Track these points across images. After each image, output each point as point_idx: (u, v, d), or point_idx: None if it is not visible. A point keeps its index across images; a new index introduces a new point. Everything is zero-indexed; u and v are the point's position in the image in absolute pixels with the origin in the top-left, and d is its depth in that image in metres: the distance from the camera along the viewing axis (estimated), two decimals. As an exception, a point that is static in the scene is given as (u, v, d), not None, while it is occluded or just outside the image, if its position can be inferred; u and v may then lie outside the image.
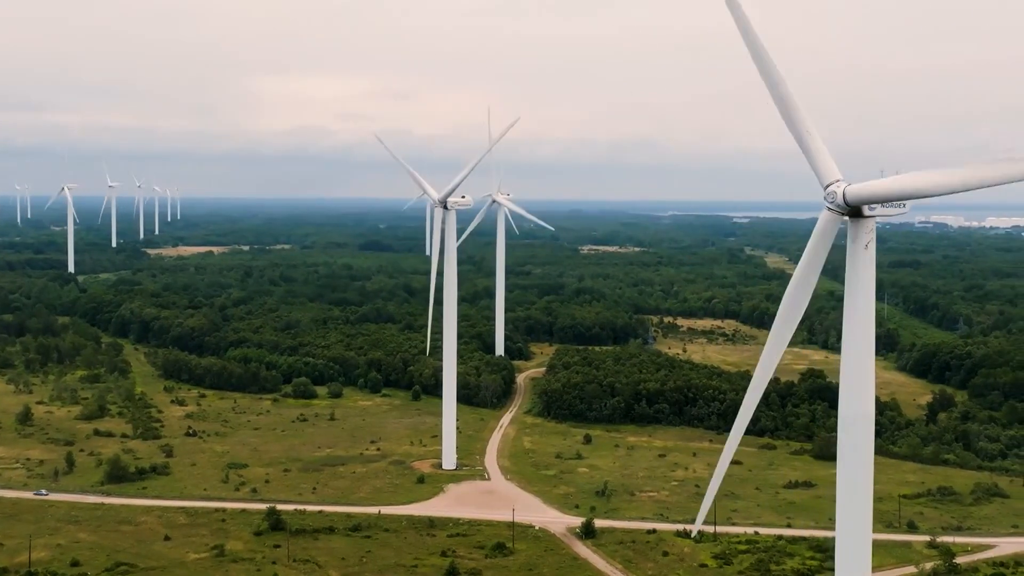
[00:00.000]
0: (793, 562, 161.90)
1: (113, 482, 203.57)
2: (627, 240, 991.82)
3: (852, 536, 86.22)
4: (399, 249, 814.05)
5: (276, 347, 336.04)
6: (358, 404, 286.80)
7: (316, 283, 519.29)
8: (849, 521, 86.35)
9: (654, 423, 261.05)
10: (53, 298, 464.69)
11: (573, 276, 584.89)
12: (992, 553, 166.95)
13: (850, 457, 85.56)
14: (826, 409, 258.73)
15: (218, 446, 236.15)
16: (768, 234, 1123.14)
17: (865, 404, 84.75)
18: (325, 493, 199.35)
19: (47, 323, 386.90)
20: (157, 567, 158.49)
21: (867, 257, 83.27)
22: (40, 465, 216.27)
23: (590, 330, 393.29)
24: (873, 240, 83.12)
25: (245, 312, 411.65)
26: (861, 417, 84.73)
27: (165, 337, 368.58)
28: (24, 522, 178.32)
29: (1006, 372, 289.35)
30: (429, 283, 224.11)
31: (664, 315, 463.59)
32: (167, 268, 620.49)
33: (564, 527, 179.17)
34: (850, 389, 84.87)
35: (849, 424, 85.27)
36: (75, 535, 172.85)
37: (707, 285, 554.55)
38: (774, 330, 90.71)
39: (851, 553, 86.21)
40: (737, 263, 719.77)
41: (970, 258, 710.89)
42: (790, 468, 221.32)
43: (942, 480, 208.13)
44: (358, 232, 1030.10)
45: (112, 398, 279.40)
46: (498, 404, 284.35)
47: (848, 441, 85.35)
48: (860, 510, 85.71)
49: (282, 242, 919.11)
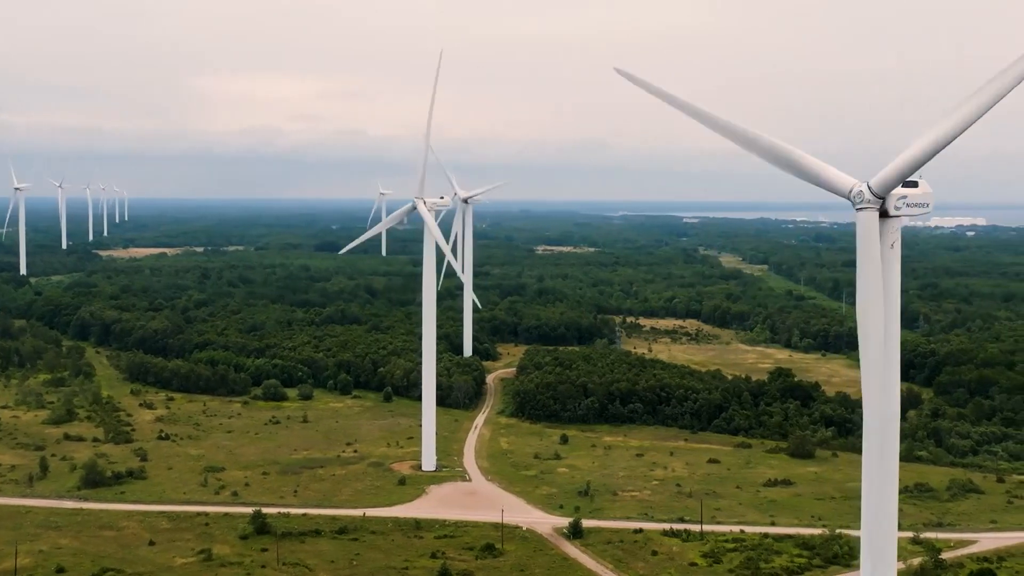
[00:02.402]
0: (781, 560, 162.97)
1: (90, 487, 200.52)
2: (581, 240, 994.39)
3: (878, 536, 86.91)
4: (355, 250, 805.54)
5: (243, 349, 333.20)
6: (329, 406, 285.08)
7: (276, 284, 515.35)
8: (875, 521, 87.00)
9: (628, 423, 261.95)
10: (8, 301, 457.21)
11: (532, 276, 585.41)
12: (975, 548, 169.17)
13: (876, 457, 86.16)
14: (798, 407, 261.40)
15: (192, 449, 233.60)
16: (720, 234, 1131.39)
17: (891, 404, 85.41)
18: (307, 496, 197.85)
19: (4, 326, 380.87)
20: (144, 572, 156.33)
21: (892, 257, 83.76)
22: (12, 471, 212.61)
23: (555, 330, 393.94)
24: (899, 240, 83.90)
25: (207, 314, 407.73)
26: (888, 417, 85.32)
27: (127, 340, 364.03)
28: (2, 528, 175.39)
29: (970, 369, 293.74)
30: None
31: (626, 315, 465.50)
32: (122, 270, 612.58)
33: (551, 527, 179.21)
34: (876, 389, 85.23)
35: (875, 424, 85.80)
36: (56, 541, 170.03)
37: (667, 285, 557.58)
38: (863, 352, 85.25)
39: (877, 552, 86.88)
40: (693, 263, 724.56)
41: (921, 257, 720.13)
42: (767, 467, 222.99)
43: (918, 477, 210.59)
44: (311, 233, 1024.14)
45: (79, 401, 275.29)
46: (470, 405, 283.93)
47: (874, 441, 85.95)
48: (886, 509, 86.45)
49: (235, 243, 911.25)
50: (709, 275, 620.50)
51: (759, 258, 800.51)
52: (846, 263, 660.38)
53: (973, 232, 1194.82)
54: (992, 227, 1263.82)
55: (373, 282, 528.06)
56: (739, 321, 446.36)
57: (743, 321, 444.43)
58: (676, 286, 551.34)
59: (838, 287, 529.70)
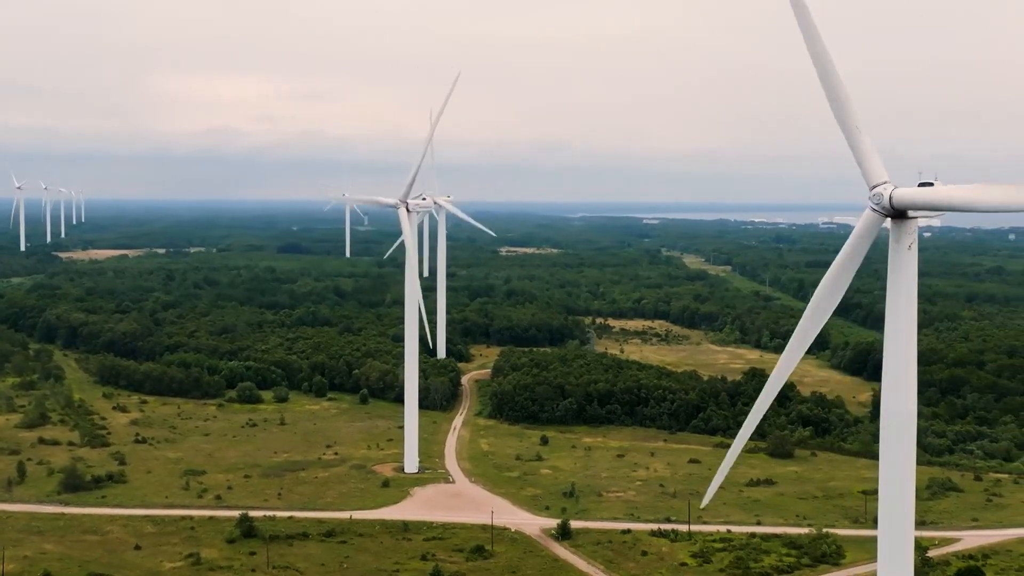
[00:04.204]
0: (770, 559, 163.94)
1: (69, 491, 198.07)
2: (544, 241, 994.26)
3: (895, 534, 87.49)
4: (318, 251, 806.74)
5: (215, 351, 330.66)
6: (306, 408, 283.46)
7: (243, 286, 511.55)
8: (892, 519, 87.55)
9: (607, 423, 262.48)
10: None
11: (499, 278, 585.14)
12: (959, 546, 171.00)
13: (893, 456, 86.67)
14: (775, 407, 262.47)
15: (171, 453, 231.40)
16: (681, 235, 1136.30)
17: (908, 403, 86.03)
18: (292, 499, 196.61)
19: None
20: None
21: (910, 257, 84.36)
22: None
23: (527, 331, 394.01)
24: (915, 241, 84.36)
25: (176, 316, 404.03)
26: (905, 415, 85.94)
27: (95, 342, 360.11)
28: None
29: (941, 369, 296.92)
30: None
31: (595, 316, 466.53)
32: (85, 272, 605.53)
33: (539, 529, 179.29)
34: (894, 388, 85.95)
35: (892, 422, 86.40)
36: (40, 546, 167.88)
37: (634, 286, 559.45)
38: (801, 326, 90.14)
39: (894, 551, 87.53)
40: (658, 264, 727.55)
41: (881, 257, 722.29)
42: (748, 466, 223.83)
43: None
44: (273, 234, 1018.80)
45: (51, 405, 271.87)
46: (447, 407, 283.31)
47: (891, 439, 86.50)
48: (903, 508, 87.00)
49: (195, 244, 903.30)
50: (676, 276, 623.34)
51: (722, 259, 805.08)
52: (810, 264, 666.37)
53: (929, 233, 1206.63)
54: (948, 227, 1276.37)
55: (341, 283, 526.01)
56: (708, 322, 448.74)
57: (712, 322, 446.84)
58: (643, 287, 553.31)
59: (803, 288, 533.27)
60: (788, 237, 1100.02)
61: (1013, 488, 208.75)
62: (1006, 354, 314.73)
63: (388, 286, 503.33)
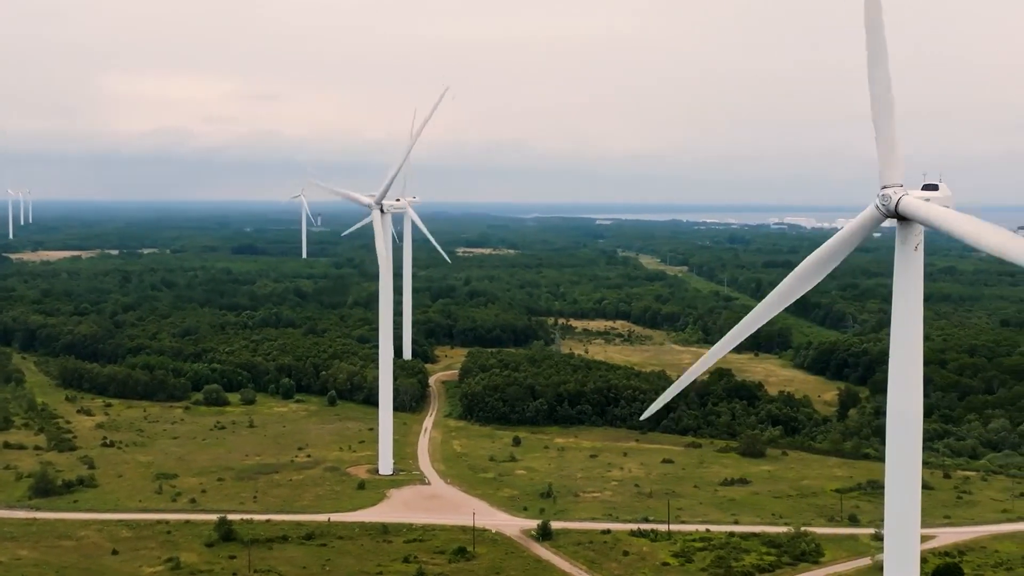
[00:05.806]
0: (751, 558, 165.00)
1: (40, 496, 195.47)
2: (499, 242, 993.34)
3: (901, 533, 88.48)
4: (274, 252, 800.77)
5: (178, 354, 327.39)
6: (274, 410, 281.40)
7: (201, 288, 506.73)
8: (898, 518, 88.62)
9: (577, 424, 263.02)
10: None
11: (459, 279, 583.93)
12: (935, 543, 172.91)
13: (899, 456, 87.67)
14: (745, 407, 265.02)
15: (141, 456, 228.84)
16: (636, 236, 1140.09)
17: (914, 403, 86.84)
18: (268, 502, 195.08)
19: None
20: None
21: (916, 259, 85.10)
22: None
23: (491, 332, 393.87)
24: (921, 242, 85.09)
25: (136, 318, 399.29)
26: (911, 416, 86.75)
27: (54, 345, 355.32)
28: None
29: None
30: (378, 288, 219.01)
31: (557, 316, 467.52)
32: (38, 273, 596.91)
33: (518, 529, 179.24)
34: (900, 388, 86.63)
35: (899, 423, 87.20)
36: (15, 552, 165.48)
37: (594, 287, 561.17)
38: (771, 297, 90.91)
39: (901, 550, 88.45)
40: (616, 265, 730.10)
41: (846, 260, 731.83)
42: (721, 466, 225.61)
43: (868, 474, 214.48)
44: (227, 235, 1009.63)
45: (13, 408, 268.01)
46: (416, 408, 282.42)
47: (898, 440, 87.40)
48: (909, 508, 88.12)
49: (148, 246, 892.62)
50: (635, 276, 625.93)
51: (678, 259, 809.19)
52: (767, 264, 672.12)
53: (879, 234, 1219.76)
54: (894, 227, 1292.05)
55: (301, 285, 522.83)
56: (669, 322, 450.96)
57: (674, 322, 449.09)
58: (603, 287, 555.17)
59: (761, 287, 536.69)
60: (742, 237, 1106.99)
61: (982, 485, 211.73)
62: (967, 353, 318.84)
63: (348, 287, 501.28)
